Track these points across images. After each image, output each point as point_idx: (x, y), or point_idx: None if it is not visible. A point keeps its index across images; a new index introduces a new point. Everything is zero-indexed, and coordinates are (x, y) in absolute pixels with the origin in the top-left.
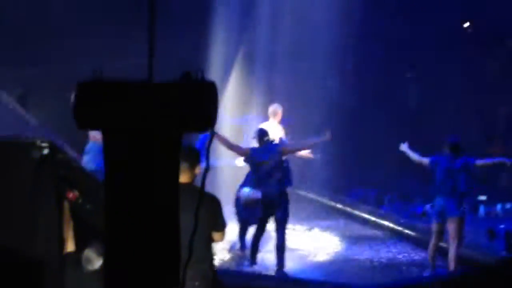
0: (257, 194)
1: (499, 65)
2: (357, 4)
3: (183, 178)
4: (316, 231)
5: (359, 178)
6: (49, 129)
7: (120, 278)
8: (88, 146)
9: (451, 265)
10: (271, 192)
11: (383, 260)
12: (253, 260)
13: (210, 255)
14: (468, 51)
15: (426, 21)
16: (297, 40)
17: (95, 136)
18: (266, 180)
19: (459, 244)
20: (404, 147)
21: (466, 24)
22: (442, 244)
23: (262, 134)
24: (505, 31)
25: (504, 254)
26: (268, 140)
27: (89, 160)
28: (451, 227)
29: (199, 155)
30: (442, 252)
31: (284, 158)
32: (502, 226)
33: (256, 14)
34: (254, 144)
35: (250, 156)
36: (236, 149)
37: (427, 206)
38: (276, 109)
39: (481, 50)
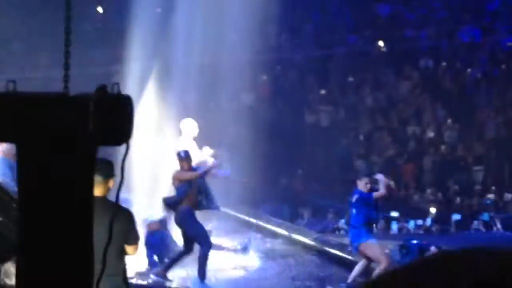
0: (156, 219)
1: (412, 85)
2: (272, 23)
3: (97, 191)
4: (229, 246)
5: (273, 192)
6: None
7: None
8: None
9: None
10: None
11: (294, 274)
12: (165, 272)
13: (123, 268)
14: (381, 72)
15: (339, 42)
16: (211, 54)
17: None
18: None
19: (386, 265)
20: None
21: (381, 43)
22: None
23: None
24: (418, 52)
25: None
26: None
27: None
28: (367, 254)
29: (112, 168)
30: None
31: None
32: (414, 241)
33: (171, 28)
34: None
35: None
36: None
37: (341, 222)
38: (190, 124)
39: (394, 70)
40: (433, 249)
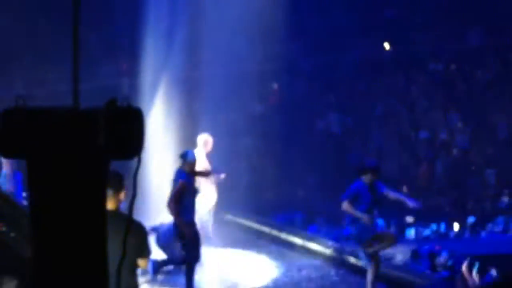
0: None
1: (421, 89)
2: (278, 30)
3: (108, 204)
4: (244, 256)
5: (285, 201)
6: None
7: None
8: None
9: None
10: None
11: (312, 284)
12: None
13: (135, 281)
14: (389, 76)
15: (347, 47)
16: (220, 65)
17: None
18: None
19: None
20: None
21: (387, 46)
22: None
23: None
24: (425, 55)
25: (428, 273)
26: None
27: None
28: None
29: (122, 180)
30: None
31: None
32: (426, 247)
33: (179, 40)
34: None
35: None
36: None
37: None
38: (206, 139)
39: (403, 74)
40: (444, 254)
